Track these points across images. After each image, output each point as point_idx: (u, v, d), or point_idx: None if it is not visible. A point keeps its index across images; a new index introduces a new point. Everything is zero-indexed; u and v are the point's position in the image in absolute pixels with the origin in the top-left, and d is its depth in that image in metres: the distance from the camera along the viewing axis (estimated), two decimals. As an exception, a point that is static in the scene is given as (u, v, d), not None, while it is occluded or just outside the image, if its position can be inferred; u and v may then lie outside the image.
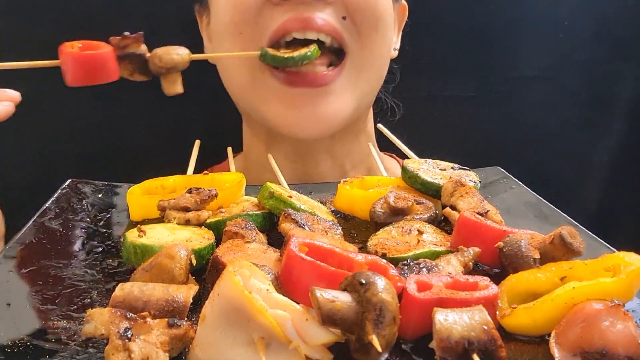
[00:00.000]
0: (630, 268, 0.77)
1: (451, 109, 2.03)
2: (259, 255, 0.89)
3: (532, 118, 2.06)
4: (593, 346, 0.68)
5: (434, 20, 1.90)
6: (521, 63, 2.02)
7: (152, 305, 0.75)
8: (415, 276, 0.80)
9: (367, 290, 0.68)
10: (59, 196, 1.20)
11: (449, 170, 1.22)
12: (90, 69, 1.14)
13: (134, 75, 1.21)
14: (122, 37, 1.17)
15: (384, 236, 1.01)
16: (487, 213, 1.01)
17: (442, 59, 1.97)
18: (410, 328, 0.74)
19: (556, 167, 2.08)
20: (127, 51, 1.18)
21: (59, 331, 0.77)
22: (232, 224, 0.97)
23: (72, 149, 1.89)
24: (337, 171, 1.55)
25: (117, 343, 0.66)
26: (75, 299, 0.85)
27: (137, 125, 1.86)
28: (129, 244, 0.91)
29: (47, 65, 1.14)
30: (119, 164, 1.86)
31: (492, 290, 0.78)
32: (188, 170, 1.25)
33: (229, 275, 0.69)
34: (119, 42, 1.18)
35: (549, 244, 0.88)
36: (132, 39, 1.18)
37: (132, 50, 1.18)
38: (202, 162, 1.35)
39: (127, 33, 1.18)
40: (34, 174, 1.84)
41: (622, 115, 2.07)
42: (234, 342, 0.68)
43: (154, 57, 1.20)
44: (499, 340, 0.68)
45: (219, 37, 1.42)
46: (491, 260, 0.93)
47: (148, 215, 1.10)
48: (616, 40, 2.02)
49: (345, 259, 0.82)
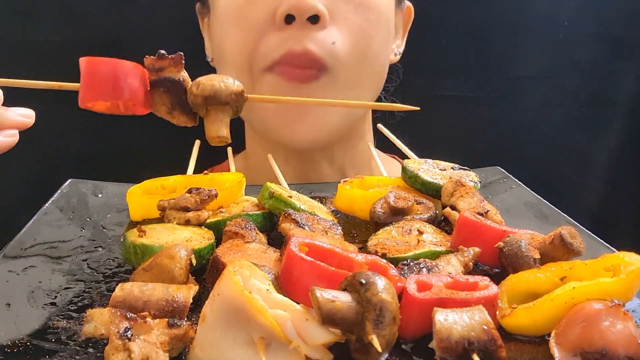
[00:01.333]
0: (630, 268, 0.77)
1: (451, 109, 2.03)
2: (259, 255, 0.89)
3: (532, 118, 2.06)
4: (593, 346, 0.68)
5: (434, 20, 1.90)
6: (521, 63, 2.02)
7: (152, 305, 0.75)
8: (415, 276, 0.80)
9: (367, 290, 0.68)
10: (59, 196, 1.20)
11: (449, 170, 1.22)
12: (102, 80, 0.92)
13: (174, 114, 0.95)
14: (157, 56, 0.94)
15: (384, 236, 1.01)
16: (487, 213, 1.01)
17: (442, 59, 1.97)
18: (410, 328, 0.74)
19: (556, 167, 2.08)
20: (163, 75, 0.94)
21: (59, 331, 0.77)
22: (232, 224, 0.97)
23: (72, 149, 1.89)
24: (338, 177, 1.55)
25: (117, 343, 0.66)
26: (75, 299, 0.85)
27: (137, 125, 1.86)
28: (129, 244, 0.91)
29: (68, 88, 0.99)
30: (119, 164, 1.86)
31: (492, 290, 0.78)
32: (188, 170, 1.24)
33: (229, 275, 0.69)
34: (152, 63, 0.94)
35: (549, 244, 0.88)
36: (170, 60, 0.94)
37: (168, 75, 0.94)
38: (202, 162, 1.35)
39: (162, 52, 0.94)
40: (34, 174, 1.84)
41: (622, 115, 2.07)
42: (234, 342, 0.68)
43: (192, 85, 0.96)
44: (499, 340, 0.68)
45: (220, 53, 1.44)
46: (491, 260, 0.93)
47: (148, 215, 1.10)
48: (616, 40, 2.02)
49: (345, 259, 0.82)
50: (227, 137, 1.00)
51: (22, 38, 1.78)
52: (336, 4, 1.31)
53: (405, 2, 1.58)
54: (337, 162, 1.56)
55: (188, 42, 1.63)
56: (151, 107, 0.98)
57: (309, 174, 1.53)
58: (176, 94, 0.96)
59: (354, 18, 1.33)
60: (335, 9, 1.31)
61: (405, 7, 1.58)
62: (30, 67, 1.75)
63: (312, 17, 1.27)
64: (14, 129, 1.00)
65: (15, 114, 1.01)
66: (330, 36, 1.30)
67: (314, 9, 1.26)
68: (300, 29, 1.28)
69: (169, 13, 1.80)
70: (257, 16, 1.32)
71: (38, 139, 1.80)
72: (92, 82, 0.94)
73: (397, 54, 1.59)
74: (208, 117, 0.98)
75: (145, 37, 1.78)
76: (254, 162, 1.60)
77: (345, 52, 1.32)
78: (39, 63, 1.77)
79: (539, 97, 2.05)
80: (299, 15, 1.26)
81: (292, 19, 1.28)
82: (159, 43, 1.21)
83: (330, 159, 1.55)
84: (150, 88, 0.96)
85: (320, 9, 1.27)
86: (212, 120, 0.97)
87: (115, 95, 0.94)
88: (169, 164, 1.25)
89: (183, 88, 0.97)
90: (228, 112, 0.99)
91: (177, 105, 0.95)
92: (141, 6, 1.82)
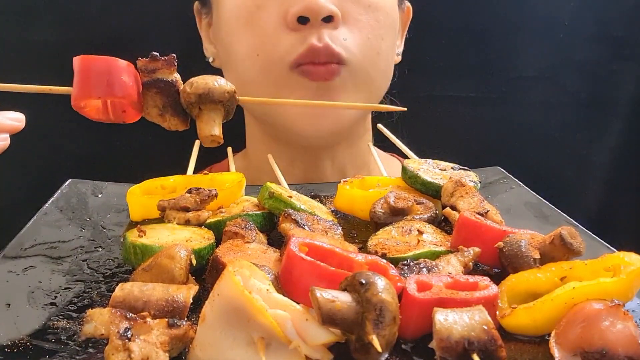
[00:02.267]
0: (630, 268, 0.77)
1: (451, 109, 2.03)
2: (259, 255, 0.89)
3: (532, 118, 2.06)
4: (593, 346, 0.68)
5: (434, 21, 1.90)
6: (521, 63, 2.02)
7: (152, 305, 0.75)
8: (415, 276, 0.80)
9: (367, 290, 0.68)
10: (59, 196, 1.20)
11: (449, 170, 1.22)
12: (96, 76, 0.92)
13: (166, 116, 0.96)
14: (150, 58, 0.95)
15: (384, 236, 1.01)
16: (487, 213, 1.01)
17: (442, 59, 1.97)
18: (410, 328, 0.74)
19: (556, 167, 2.08)
20: (155, 77, 0.95)
21: (59, 331, 0.77)
22: (232, 224, 0.97)
23: (72, 149, 1.89)
24: (339, 177, 1.56)
25: (117, 343, 0.66)
26: (75, 299, 0.85)
27: (137, 125, 1.86)
28: (129, 244, 0.91)
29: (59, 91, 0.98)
30: (119, 164, 1.86)
31: (492, 290, 0.78)
32: (188, 170, 1.24)
33: (229, 275, 0.69)
34: (145, 65, 0.95)
35: (549, 244, 0.88)
36: (163, 62, 0.95)
37: (161, 77, 0.95)
38: (202, 162, 1.35)
39: (155, 53, 0.96)
40: (34, 174, 1.84)
41: (622, 115, 2.07)
42: (234, 342, 0.68)
43: (186, 85, 0.96)
44: (499, 340, 0.68)
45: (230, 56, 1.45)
46: (491, 260, 0.93)
47: (148, 215, 1.10)
48: (616, 40, 2.02)
49: (345, 259, 0.82)
50: (219, 136, 1.01)
51: (20, 38, 1.78)
52: (347, 5, 1.36)
53: (405, 3, 1.60)
54: (339, 161, 1.58)
55: (187, 42, 1.63)
56: (142, 110, 0.99)
57: (312, 174, 1.55)
58: (169, 95, 0.96)
59: (364, 19, 1.38)
60: (345, 11, 1.35)
61: (405, 7, 1.60)
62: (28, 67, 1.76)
63: (326, 17, 1.31)
64: (5, 132, 1.00)
65: (5, 117, 1.01)
66: (342, 34, 1.35)
67: (327, 9, 1.30)
68: (316, 28, 1.32)
69: (168, 13, 1.80)
70: (269, 19, 1.35)
71: (38, 139, 1.81)
72: (86, 79, 0.94)
73: (398, 54, 1.61)
74: (201, 117, 0.99)
75: (143, 37, 1.78)
76: (254, 162, 1.61)
77: (357, 49, 1.36)
78: (37, 63, 1.77)
79: (539, 97, 2.05)
80: (314, 17, 1.31)
81: (306, 20, 1.31)
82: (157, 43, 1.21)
83: (332, 158, 1.57)
84: (142, 90, 0.96)
85: (334, 9, 1.31)
86: (205, 120, 0.98)
87: (108, 91, 0.93)
88: (169, 164, 1.25)
89: (176, 89, 0.97)
90: (220, 112, 1.00)
91: (169, 107, 0.96)
92: (140, 6, 1.82)
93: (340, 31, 1.34)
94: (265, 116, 1.50)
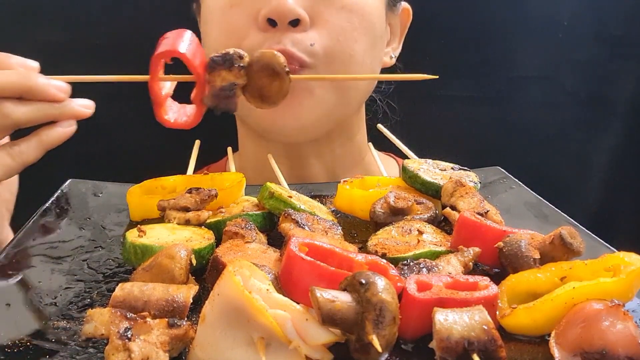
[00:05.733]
0: (630, 268, 0.77)
1: (451, 109, 2.03)
2: (259, 255, 0.89)
3: (532, 118, 2.06)
4: (593, 346, 0.68)
5: (434, 20, 1.90)
6: (521, 63, 2.02)
7: (152, 305, 0.75)
8: (415, 276, 0.80)
9: (367, 290, 0.68)
10: (59, 196, 1.20)
11: (449, 171, 1.22)
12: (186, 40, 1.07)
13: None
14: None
15: (384, 236, 1.01)
16: (487, 213, 1.01)
17: (442, 59, 1.97)
18: (410, 328, 0.74)
19: (556, 167, 2.08)
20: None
21: (59, 331, 0.77)
22: (232, 224, 0.97)
23: (72, 149, 1.88)
24: (327, 175, 1.57)
25: (117, 343, 0.66)
26: (75, 299, 0.85)
27: (137, 125, 1.86)
28: (129, 244, 0.91)
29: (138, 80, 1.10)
30: (119, 164, 1.85)
31: (492, 290, 0.78)
32: (188, 170, 1.24)
33: (229, 275, 0.69)
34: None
35: (549, 244, 0.88)
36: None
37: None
38: (202, 162, 1.35)
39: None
40: (34, 174, 1.83)
41: (622, 115, 2.07)
42: (234, 342, 0.68)
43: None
44: (499, 340, 0.68)
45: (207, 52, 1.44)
46: (491, 260, 0.93)
47: (148, 215, 1.10)
48: (616, 40, 2.02)
49: (345, 259, 0.82)
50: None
51: (25, 38, 1.78)
52: (317, 7, 1.33)
53: (401, 4, 1.57)
54: (326, 160, 1.56)
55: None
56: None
57: (297, 171, 1.54)
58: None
59: (335, 20, 1.34)
60: (316, 12, 1.33)
61: (400, 9, 1.57)
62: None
63: (293, 20, 1.29)
64: (74, 119, 1.07)
65: (77, 104, 1.07)
66: (310, 38, 1.32)
67: (293, 13, 1.28)
68: (282, 32, 1.30)
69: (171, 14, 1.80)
70: (240, 18, 1.34)
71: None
72: (177, 37, 1.09)
73: (392, 57, 1.59)
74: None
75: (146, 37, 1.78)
76: (247, 161, 1.61)
77: (325, 52, 1.33)
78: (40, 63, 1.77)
79: (539, 97, 2.05)
80: (280, 20, 1.29)
81: (276, 23, 1.30)
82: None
83: (317, 156, 1.55)
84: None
85: (300, 12, 1.29)
86: None
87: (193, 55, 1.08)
88: (169, 164, 1.25)
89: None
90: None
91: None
92: (143, 7, 1.82)
93: (308, 35, 1.32)
94: (242, 115, 1.50)
